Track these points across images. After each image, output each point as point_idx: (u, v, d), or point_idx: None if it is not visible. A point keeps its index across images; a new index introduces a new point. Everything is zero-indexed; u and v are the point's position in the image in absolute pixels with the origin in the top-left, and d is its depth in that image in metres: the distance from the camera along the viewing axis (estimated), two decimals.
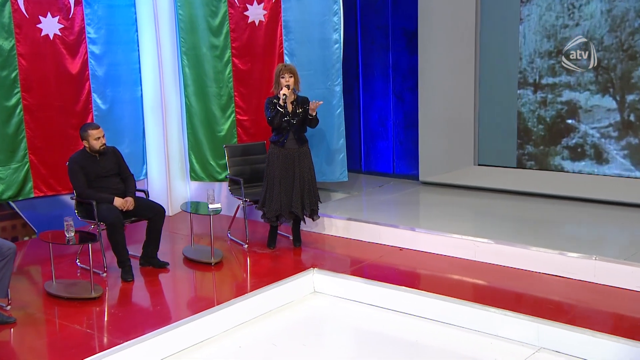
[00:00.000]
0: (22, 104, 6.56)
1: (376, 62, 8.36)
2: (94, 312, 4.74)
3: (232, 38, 7.19)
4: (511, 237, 5.51)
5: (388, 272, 5.39)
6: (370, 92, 8.49)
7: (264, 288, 5.09)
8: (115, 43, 7.20)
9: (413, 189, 7.66)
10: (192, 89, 7.43)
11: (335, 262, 5.68)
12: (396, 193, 7.49)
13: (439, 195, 7.35)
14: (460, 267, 5.41)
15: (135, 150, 7.52)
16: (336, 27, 6.72)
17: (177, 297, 5.14)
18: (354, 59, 8.53)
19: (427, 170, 7.73)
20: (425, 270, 5.41)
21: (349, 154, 8.59)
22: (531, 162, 7.07)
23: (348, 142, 8.55)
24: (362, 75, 8.51)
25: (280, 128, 5.85)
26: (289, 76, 5.81)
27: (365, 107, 8.58)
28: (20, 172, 6.61)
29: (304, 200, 5.93)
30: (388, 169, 8.49)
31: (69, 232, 4.99)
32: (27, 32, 6.53)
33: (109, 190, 5.51)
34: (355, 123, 8.69)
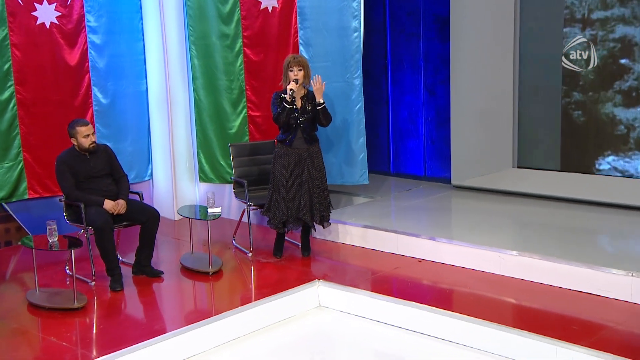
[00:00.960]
0: (15, 98, 6.73)
1: (406, 52, 8.31)
2: (75, 324, 4.84)
3: (244, 26, 7.24)
4: (541, 249, 5.40)
5: (402, 285, 5.34)
6: (400, 86, 8.44)
7: (262, 300, 5.11)
8: (117, 32, 7.33)
9: (444, 193, 7.59)
10: (201, 82, 7.51)
11: (345, 274, 5.67)
12: (424, 198, 7.42)
13: (472, 201, 7.26)
14: (483, 281, 5.33)
15: (139, 148, 7.64)
16: (355, 13, 6.70)
17: (166, 308, 5.21)
18: (382, 49, 8.50)
19: (460, 173, 7.64)
20: (443, 284, 5.34)
21: (377, 154, 8.58)
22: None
23: (376, 141, 8.54)
24: (391, 67, 8.46)
25: (287, 126, 5.86)
26: (298, 69, 5.82)
27: (394, 102, 8.53)
28: (14, 171, 6.78)
29: (313, 205, 5.92)
30: (419, 171, 8.42)
31: (52, 236, 5.09)
32: (21, 20, 6.70)
33: (100, 192, 5.61)
34: (383, 120, 8.65)
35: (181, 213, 6.00)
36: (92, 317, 4.93)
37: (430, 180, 8.23)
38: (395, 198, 7.50)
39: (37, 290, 5.32)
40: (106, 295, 5.35)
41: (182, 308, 5.20)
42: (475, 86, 7.45)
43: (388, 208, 7.02)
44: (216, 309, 5.05)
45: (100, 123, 7.29)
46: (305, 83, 5.90)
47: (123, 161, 7.28)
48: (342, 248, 6.35)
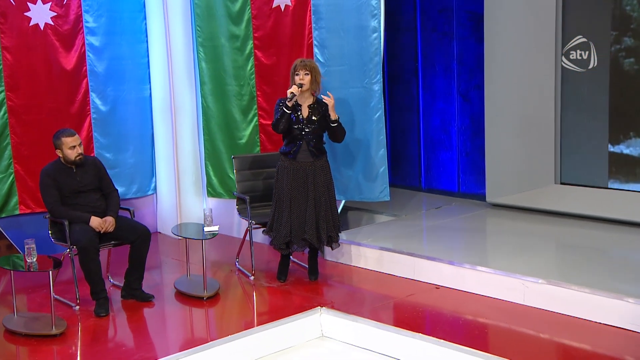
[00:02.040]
0: (6, 105, 6.96)
1: (438, 53, 8.32)
2: (52, 352, 4.97)
3: (255, 26, 7.36)
4: (574, 277, 5.33)
5: (414, 315, 5.35)
6: (431, 91, 8.45)
7: (257, 328, 5.17)
8: (118, 33, 7.52)
9: (477, 212, 7.55)
10: (209, 88, 7.65)
11: (352, 301, 5.69)
12: (453, 217, 7.40)
13: (508, 220, 7.21)
14: (504, 312, 5.30)
15: (142, 160, 7.80)
16: (375, 12, 6.74)
17: (153, 336, 5.30)
18: (412, 49, 8.53)
19: (496, 189, 7.60)
20: (460, 314, 5.32)
21: (406, 167, 8.60)
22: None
23: (405, 152, 8.57)
24: (422, 70, 8.48)
25: (291, 136, 5.92)
26: (305, 73, 5.89)
27: (425, 109, 8.54)
28: (4, 184, 7.00)
29: (320, 225, 5.97)
30: (452, 186, 8.40)
31: (31, 257, 5.25)
32: (13, 21, 6.92)
33: (86, 208, 5.75)
34: (414, 129, 8.67)
35: (175, 232, 6.11)
36: (70, 344, 5.05)
37: (465, 196, 8.20)
38: (421, 217, 7.50)
39: (16, 314, 5.47)
40: (90, 321, 5.47)
41: (169, 336, 5.29)
42: (512, 92, 7.41)
43: (411, 228, 7.02)
44: (207, 337, 5.11)
45: (99, 132, 7.47)
46: (313, 90, 5.95)
47: (124, 174, 7.52)
48: (355, 272, 6.38)
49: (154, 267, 6.78)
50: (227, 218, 7.67)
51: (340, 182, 7.05)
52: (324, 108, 5.95)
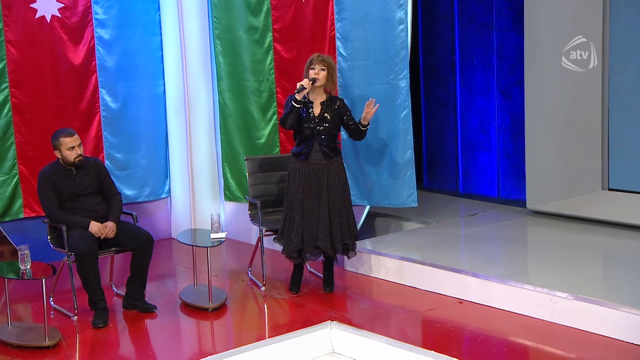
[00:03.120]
0: (10, 103, 7.20)
1: (476, 46, 8.36)
2: None
3: (274, 17, 7.49)
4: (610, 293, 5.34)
5: (431, 331, 5.41)
6: (469, 87, 8.48)
7: (261, 343, 5.29)
8: (129, 26, 7.73)
9: (515, 220, 7.57)
10: (226, 83, 7.82)
11: (366, 315, 5.77)
12: (489, 225, 7.42)
13: (548, 229, 7.22)
14: (530, 330, 5.33)
15: (155, 161, 8.00)
16: (401, 2, 6.81)
17: (150, 349, 5.46)
18: (449, 42, 8.57)
19: (537, 195, 7.60)
20: (482, 331, 5.38)
21: (443, 170, 8.65)
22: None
23: (442, 153, 8.62)
24: (459, 64, 8.51)
25: (303, 136, 6.03)
26: (321, 68, 6.00)
27: (463, 107, 8.57)
28: (8, 186, 7.24)
29: (334, 232, 6.06)
30: (492, 191, 8.42)
31: (24, 263, 5.46)
32: (18, 13, 7.16)
33: (86, 213, 5.95)
34: (451, 128, 8.72)
35: (179, 239, 6.27)
36: (63, 357, 5.24)
37: (505, 203, 8.22)
38: (454, 224, 7.54)
39: (10, 324, 5.68)
40: (88, 332, 5.66)
41: (168, 350, 5.43)
42: (555, 89, 7.41)
43: (439, 237, 7.07)
44: (207, 351, 5.26)
45: (109, 131, 7.67)
46: (328, 88, 6.04)
47: (136, 176, 7.73)
48: (375, 284, 6.46)
49: (166, 276, 6.96)
50: (245, 224, 7.79)
51: (364, 186, 7.13)
52: (338, 105, 6.03)
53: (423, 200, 8.58)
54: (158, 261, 7.25)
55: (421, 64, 8.87)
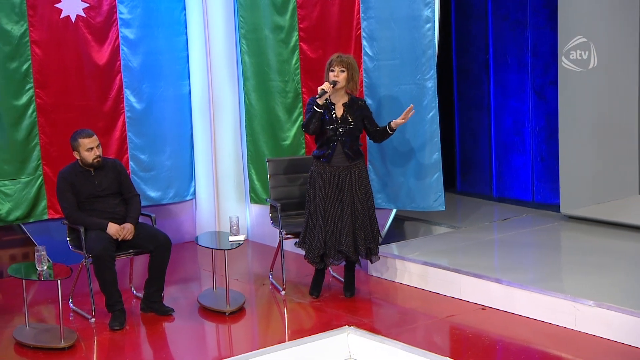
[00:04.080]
0: (35, 103, 7.40)
1: (510, 45, 8.39)
2: None
3: (300, 16, 7.62)
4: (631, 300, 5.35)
5: (448, 338, 5.49)
6: (502, 87, 8.51)
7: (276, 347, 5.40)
8: (155, 25, 7.90)
9: (548, 225, 7.59)
10: (252, 84, 7.97)
11: (385, 320, 5.87)
12: (520, 230, 7.46)
13: (581, 235, 7.23)
14: (552, 338, 5.37)
15: (180, 162, 8.17)
16: (428, 0, 6.87)
17: (164, 352, 5.61)
18: (482, 40, 8.61)
19: (571, 199, 7.62)
20: (501, 338, 5.44)
21: (477, 172, 8.70)
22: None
23: (475, 156, 8.66)
24: (493, 63, 8.55)
25: (325, 138, 6.13)
26: (340, 70, 6.09)
27: (496, 108, 8.60)
28: (32, 187, 7.45)
29: (357, 235, 6.15)
30: (526, 195, 8.44)
31: (41, 264, 5.65)
32: (43, 13, 7.36)
33: (104, 214, 6.12)
34: (484, 130, 8.75)
35: (198, 241, 6.41)
36: (76, 358, 5.42)
37: (540, 207, 8.23)
38: (484, 229, 7.58)
39: (27, 326, 5.88)
40: (104, 335, 5.84)
41: (182, 353, 5.58)
42: (590, 89, 7.41)
43: (466, 242, 7.12)
44: (221, 355, 5.40)
45: (134, 132, 7.86)
46: (349, 89, 6.14)
47: (160, 177, 7.91)
48: (399, 289, 6.54)
49: (188, 279, 7.11)
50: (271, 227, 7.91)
51: (390, 189, 7.22)
52: (360, 106, 6.12)
53: (455, 204, 8.65)
54: (182, 264, 7.42)
55: (454, 65, 8.92)
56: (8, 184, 7.31)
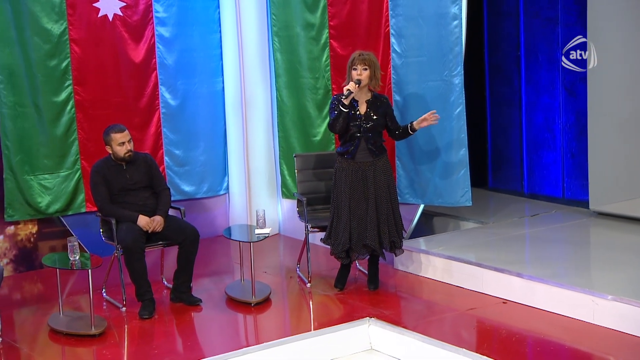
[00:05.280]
0: (74, 100, 7.62)
1: (541, 42, 8.41)
2: (84, 352, 5.56)
3: (330, 14, 7.74)
4: None
5: (466, 330, 5.58)
6: (534, 84, 8.54)
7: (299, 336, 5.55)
8: (189, 24, 8.08)
9: (577, 221, 7.61)
10: (284, 80, 8.11)
11: (407, 312, 5.99)
12: (548, 226, 7.49)
13: (609, 231, 7.25)
14: (570, 331, 5.43)
15: (213, 157, 8.34)
16: None
17: (189, 341, 5.79)
18: (514, 37, 8.64)
19: (600, 196, 7.63)
20: (520, 330, 5.52)
21: (508, 169, 8.74)
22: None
23: (506, 152, 8.71)
24: (525, 60, 8.58)
25: (349, 135, 6.25)
26: (363, 68, 6.20)
27: (528, 104, 8.64)
28: (70, 181, 7.67)
29: (381, 229, 6.26)
30: (556, 191, 8.46)
31: (74, 254, 5.86)
32: (81, 12, 7.58)
33: (135, 207, 6.31)
34: (515, 126, 8.79)
35: (226, 234, 6.58)
36: (105, 344, 5.62)
37: (570, 203, 8.25)
38: (511, 225, 7.62)
39: (61, 314, 6.11)
40: (134, 323, 6.03)
41: (206, 341, 5.75)
42: (620, 85, 7.43)
43: (492, 237, 7.17)
44: (245, 344, 5.61)
45: (168, 128, 8.05)
46: (372, 86, 6.24)
47: (194, 172, 8.10)
48: (423, 283, 6.63)
49: (218, 271, 7.29)
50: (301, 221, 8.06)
51: (418, 185, 7.31)
52: (383, 103, 6.23)
53: (487, 200, 8.70)
54: (214, 257, 7.60)
55: (486, 62, 8.96)
56: (48, 178, 7.53)
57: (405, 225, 6.95)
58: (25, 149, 7.37)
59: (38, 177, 7.45)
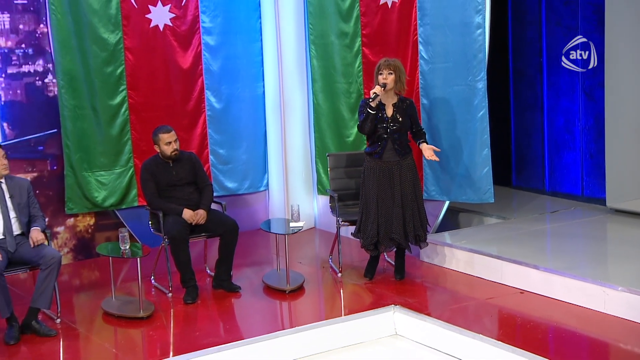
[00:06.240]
0: (127, 103, 7.77)
1: (562, 49, 8.37)
2: (133, 332, 5.69)
3: (363, 23, 7.80)
4: None
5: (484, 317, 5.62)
6: (555, 89, 8.51)
7: (329, 321, 5.62)
8: (233, 33, 8.18)
9: (595, 217, 7.58)
10: (320, 85, 8.18)
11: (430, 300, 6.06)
12: (567, 222, 7.47)
13: (624, 227, 7.21)
14: (582, 319, 5.44)
15: (254, 157, 8.44)
16: (479, 7, 6.96)
17: (228, 324, 5.89)
18: (537, 43, 8.62)
19: (617, 193, 7.58)
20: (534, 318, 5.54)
21: (530, 168, 8.73)
22: None
23: (528, 152, 8.69)
24: (547, 65, 8.55)
25: (376, 136, 6.30)
26: (388, 73, 6.24)
27: (549, 108, 8.61)
28: (124, 177, 7.83)
29: (407, 224, 6.30)
30: (576, 189, 8.43)
31: (124, 244, 5.99)
32: (135, 23, 7.72)
33: (180, 201, 6.43)
34: (537, 128, 8.76)
35: (263, 227, 6.67)
36: (153, 326, 5.75)
37: (589, 201, 8.21)
38: (532, 220, 7.61)
39: (114, 298, 6.25)
40: (179, 307, 6.16)
41: (242, 325, 5.86)
42: (635, 91, 7.40)
43: (513, 231, 7.17)
44: (284, 326, 5.76)
45: (213, 129, 8.16)
46: (397, 90, 6.29)
47: (237, 170, 8.21)
48: (447, 274, 6.66)
49: (257, 262, 7.37)
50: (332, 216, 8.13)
51: (443, 183, 7.34)
52: (408, 105, 6.27)
53: (510, 197, 8.69)
54: (254, 248, 7.70)
55: (511, 67, 8.95)
56: (104, 174, 7.68)
57: (431, 221, 7.01)
58: (84, 148, 7.53)
59: (95, 174, 7.60)
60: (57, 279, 5.70)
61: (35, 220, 5.87)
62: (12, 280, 6.34)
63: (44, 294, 5.63)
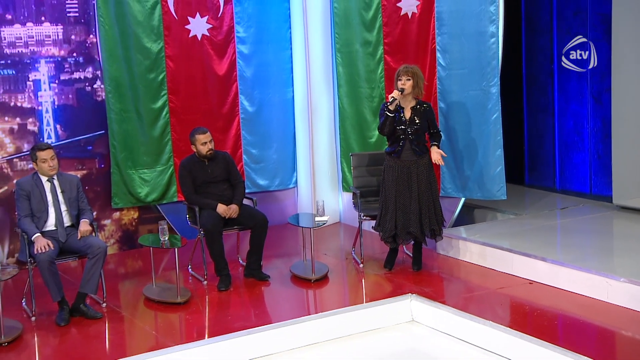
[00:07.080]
0: (168, 107, 7.90)
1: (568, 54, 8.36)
2: (172, 317, 5.81)
3: (385, 32, 7.85)
4: None
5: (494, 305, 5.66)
6: (565, 93, 8.50)
7: (349, 308, 5.70)
8: (265, 42, 8.28)
9: (602, 213, 7.56)
10: (344, 90, 8.24)
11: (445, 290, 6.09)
12: (575, 218, 7.47)
13: (629, 222, 7.20)
14: (586, 308, 5.45)
15: (284, 156, 8.53)
16: (493, 18, 6.99)
17: (257, 310, 5.98)
18: (548, 52, 8.61)
19: (623, 191, 7.57)
20: (541, 307, 5.57)
21: (542, 168, 8.73)
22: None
23: (540, 153, 8.69)
24: (557, 72, 8.55)
25: (395, 137, 6.36)
26: (406, 79, 6.29)
27: (559, 111, 8.60)
28: (165, 175, 7.95)
29: (423, 219, 6.35)
30: (584, 187, 8.41)
31: (163, 235, 6.11)
32: (175, 33, 7.85)
33: (215, 197, 6.54)
34: (548, 131, 8.76)
35: (291, 221, 6.76)
36: (190, 311, 5.87)
37: (596, 198, 8.19)
38: (543, 216, 7.62)
39: (154, 285, 6.37)
40: (213, 294, 6.26)
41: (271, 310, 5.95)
42: None
43: (524, 227, 7.19)
44: (308, 312, 5.83)
45: (246, 130, 8.26)
46: (415, 94, 6.34)
47: (268, 168, 8.31)
48: (461, 265, 6.70)
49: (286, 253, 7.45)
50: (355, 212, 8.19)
51: (459, 181, 7.37)
52: (425, 109, 6.32)
53: (523, 195, 8.70)
54: (283, 241, 7.78)
55: (524, 73, 8.95)
56: (146, 172, 7.81)
57: (448, 216, 7.05)
58: (129, 148, 7.66)
59: (139, 172, 7.74)
60: (103, 267, 5.83)
61: (84, 214, 6.01)
62: (63, 268, 6.50)
63: (91, 280, 5.77)
